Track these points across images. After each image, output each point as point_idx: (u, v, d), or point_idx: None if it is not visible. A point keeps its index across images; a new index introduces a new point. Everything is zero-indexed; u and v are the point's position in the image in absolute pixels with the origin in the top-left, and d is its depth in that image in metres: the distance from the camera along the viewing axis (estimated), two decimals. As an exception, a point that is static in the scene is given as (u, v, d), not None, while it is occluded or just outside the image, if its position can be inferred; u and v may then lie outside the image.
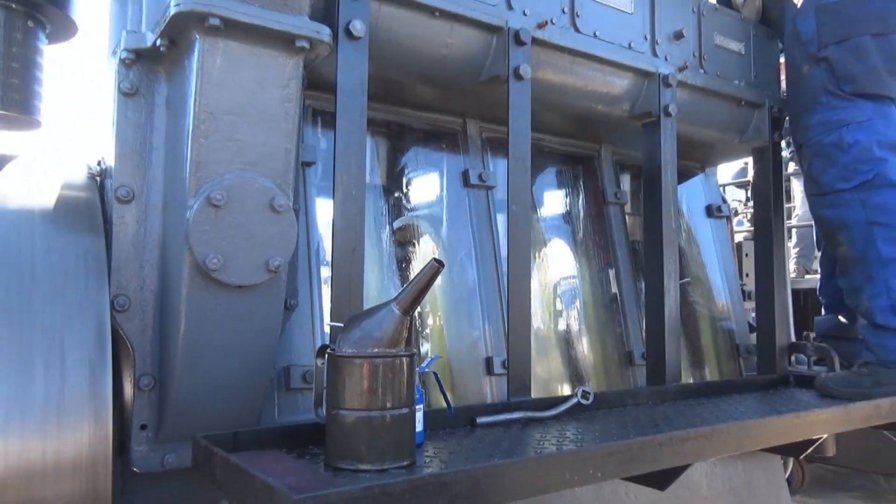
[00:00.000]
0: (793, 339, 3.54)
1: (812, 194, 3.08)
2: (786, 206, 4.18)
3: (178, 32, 1.68)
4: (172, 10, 1.59)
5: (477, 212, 2.76)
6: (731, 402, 2.61)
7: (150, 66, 1.83)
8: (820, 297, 3.51)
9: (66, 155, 2.09)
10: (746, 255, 4.91)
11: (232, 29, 1.65)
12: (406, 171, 2.71)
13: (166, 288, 1.79)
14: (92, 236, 1.76)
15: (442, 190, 2.73)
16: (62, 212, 1.78)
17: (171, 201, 1.79)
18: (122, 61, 1.78)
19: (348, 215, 1.94)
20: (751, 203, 6.45)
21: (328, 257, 2.07)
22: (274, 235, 1.74)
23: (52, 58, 2.53)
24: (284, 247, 1.76)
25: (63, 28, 2.50)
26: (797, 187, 6.64)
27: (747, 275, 4.69)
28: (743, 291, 3.78)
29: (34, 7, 2.34)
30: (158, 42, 1.71)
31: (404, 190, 2.68)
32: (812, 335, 3.69)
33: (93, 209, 1.83)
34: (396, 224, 2.61)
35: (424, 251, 2.61)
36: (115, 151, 1.79)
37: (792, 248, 6.32)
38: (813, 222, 3.76)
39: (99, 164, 1.98)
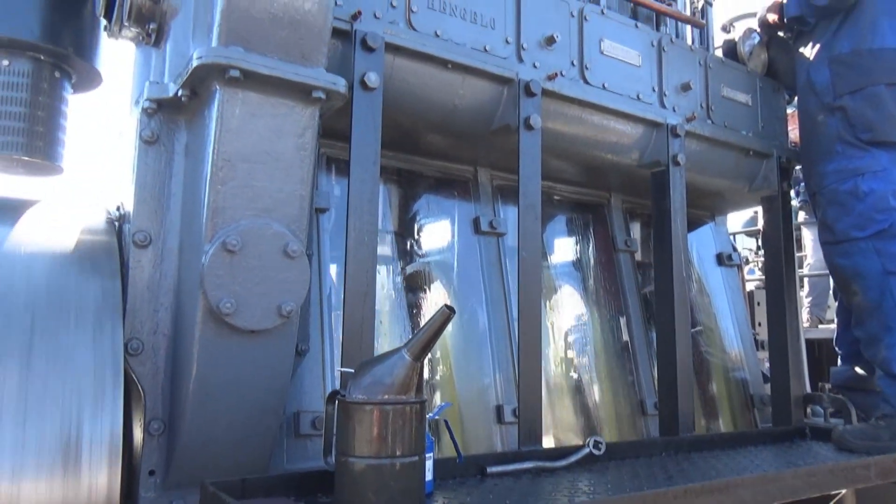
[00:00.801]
0: (808, 390, 3.49)
1: (826, 242, 3.08)
2: (797, 254, 4.17)
3: (200, 83, 1.74)
4: (195, 63, 1.65)
5: (488, 258, 2.77)
6: (747, 454, 2.56)
7: (171, 115, 1.88)
8: (836, 348, 3.47)
9: (86, 200, 2.14)
10: (758, 303, 4.87)
11: (251, 80, 1.70)
12: (418, 218, 2.74)
13: (179, 332, 1.80)
14: (109, 280, 1.79)
15: (453, 236, 2.76)
16: (81, 256, 1.81)
17: (187, 246, 1.82)
18: (144, 110, 1.84)
19: (360, 261, 1.96)
20: (761, 252, 6.43)
21: (340, 303, 2.08)
22: (287, 280, 1.75)
23: (77, 106, 2.62)
24: (297, 292, 1.77)
25: (88, 78, 2.59)
26: (808, 236, 6.62)
27: (759, 324, 4.64)
28: (756, 341, 3.74)
29: (61, 58, 2.42)
30: (180, 92, 1.77)
31: (416, 236, 2.70)
32: (828, 386, 3.63)
33: (110, 253, 1.86)
34: (408, 270, 2.63)
35: (435, 297, 2.62)
36: (134, 197, 1.83)
37: (804, 297, 6.27)
38: (825, 271, 3.75)
39: (118, 209, 2.02)
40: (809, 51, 3.19)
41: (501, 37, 2.43)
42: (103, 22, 2.19)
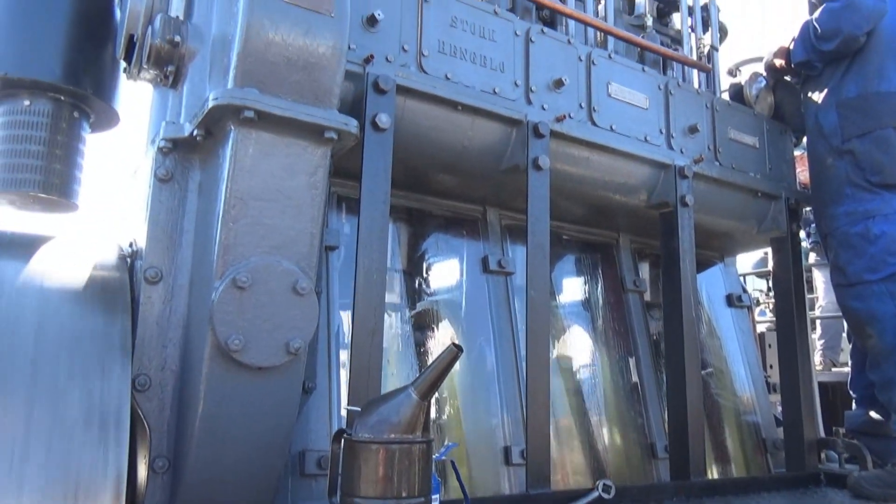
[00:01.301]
0: (822, 434, 3.42)
1: (839, 285, 3.06)
2: (808, 296, 4.14)
3: (215, 123, 1.78)
4: (211, 103, 1.69)
5: (496, 297, 2.77)
6: (760, 500, 2.51)
7: (186, 154, 1.92)
8: (850, 391, 3.42)
9: (99, 236, 2.17)
10: (770, 346, 4.82)
11: (265, 121, 1.74)
12: (426, 257, 2.75)
13: (187, 368, 1.80)
14: (118, 316, 1.80)
15: (461, 275, 2.77)
16: (92, 291, 1.83)
17: (198, 282, 1.84)
18: (160, 149, 1.88)
19: (369, 299, 1.97)
20: (772, 293, 6.39)
21: (347, 340, 2.08)
22: (295, 317, 1.76)
23: (94, 145, 2.67)
24: (305, 329, 1.78)
25: (106, 118, 2.65)
26: (819, 278, 6.58)
27: (771, 366, 4.59)
28: (767, 383, 3.69)
29: (81, 99, 2.48)
30: (195, 132, 1.81)
31: (424, 275, 2.71)
32: (842, 431, 3.56)
33: (121, 289, 1.87)
34: (416, 308, 2.63)
35: (443, 336, 2.62)
36: (146, 233, 1.86)
37: (817, 339, 6.19)
38: (838, 313, 3.71)
39: (131, 245, 2.04)
40: (817, 95, 3.23)
41: (510, 80, 2.48)
42: (123, 64, 2.25)
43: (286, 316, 1.75)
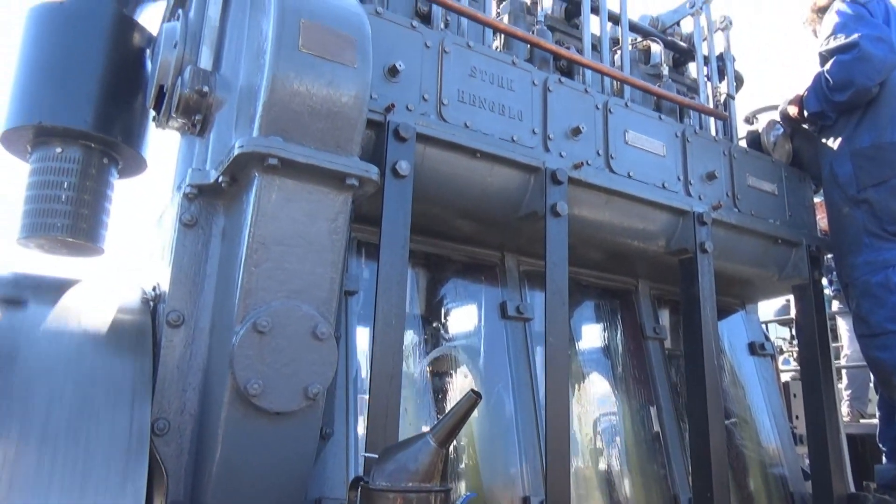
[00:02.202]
0: (852, 489, 3.31)
1: (863, 335, 3.01)
2: (833, 345, 4.06)
3: (240, 170, 1.82)
4: (236, 151, 1.74)
5: (514, 344, 2.75)
6: (789, 557, 2.42)
7: (211, 200, 1.96)
8: (880, 444, 3.32)
9: (124, 280, 2.21)
10: (794, 395, 4.71)
11: (288, 168, 1.78)
12: (445, 302, 2.75)
13: (206, 412, 1.80)
14: (140, 359, 1.81)
15: (480, 321, 2.76)
16: (115, 334, 1.85)
17: (219, 326, 1.86)
18: (185, 195, 1.92)
19: (387, 344, 1.97)
20: (795, 341, 6.27)
21: (366, 386, 2.07)
22: (315, 362, 1.77)
23: (121, 190, 2.74)
24: (324, 374, 1.78)
25: (134, 165, 2.72)
26: (843, 326, 6.45)
27: (797, 417, 4.47)
28: (794, 435, 3.60)
29: (110, 146, 2.56)
30: (221, 179, 1.85)
31: (442, 320, 2.71)
32: (873, 486, 3.44)
33: (144, 333, 1.89)
34: (434, 354, 2.62)
35: (461, 382, 2.60)
36: (170, 277, 1.89)
37: (843, 389, 6.04)
38: (863, 363, 3.63)
39: (154, 289, 2.07)
40: (831, 144, 3.24)
41: (529, 128, 2.52)
42: (152, 113, 2.33)
43: (305, 360, 1.75)
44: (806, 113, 3.35)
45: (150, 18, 2.77)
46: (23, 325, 1.73)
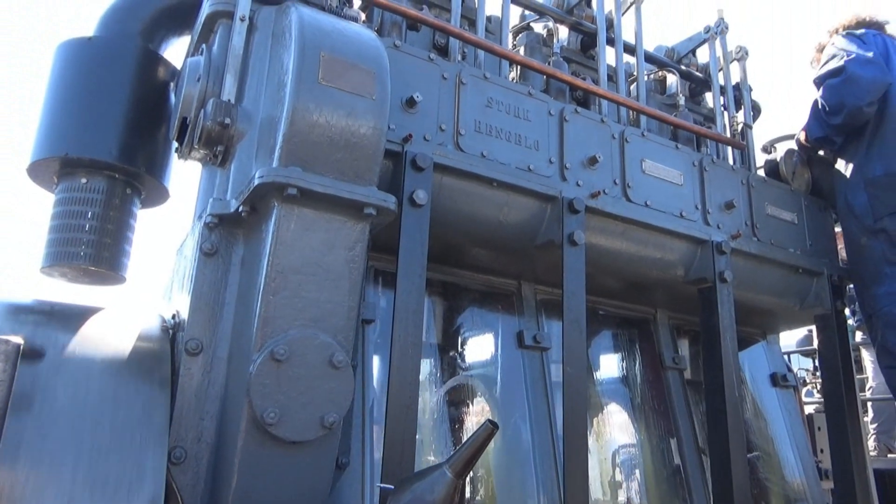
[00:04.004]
0: (881, 526, 3.21)
1: (888, 366, 2.96)
2: (858, 377, 3.98)
3: (260, 200, 1.85)
4: (256, 181, 1.77)
5: (531, 373, 2.73)
6: None
7: (231, 229, 1.99)
8: (907, 480, 3.23)
9: (144, 308, 2.23)
10: (819, 428, 4.60)
11: (307, 198, 1.80)
12: (461, 331, 2.75)
13: (222, 441, 1.80)
14: (158, 388, 1.82)
15: (496, 350, 2.75)
16: (134, 362, 1.86)
17: (236, 354, 1.87)
18: (206, 225, 1.95)
19: (404, 373, 1.96)
20: (819, 373, 6.15)
21: (382, 415, 2.06)
22: (331, 391, 1.76)
23: (143, 219, 2.78)
24: (340, 402, 1.78)
25: (157, 194, 2.77)
26: (867, 357, 6.33)
27: (822, 451, 4.36)
28: (819, 469, 3.51)
29: (134, 177, 2.61)
30: (241, 208, 1.88)
31: (459, 349, 2.70)
32: (903, 522, 3.34)
33: (163, 361, 1.91)
34: (451, 384, 2.61)
35: (478, 412, 2.58)
36: (189, 306, 1.91)
37: (869, 423, 5.90)
38: (890, 395, 3.55)
39: (174, 317, 2.09)
40: (845, 173, 3.24)
41: (545, 157, 2.54)
42: (175, 144, 2.37)
43: (322, 389, 1.75)
44: (810, 140, 3.39)
45: (175, 53, 2.84)
46: (43, 354, 1.75)
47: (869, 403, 5.99)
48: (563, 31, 3.41)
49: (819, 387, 6.64)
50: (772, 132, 4.00)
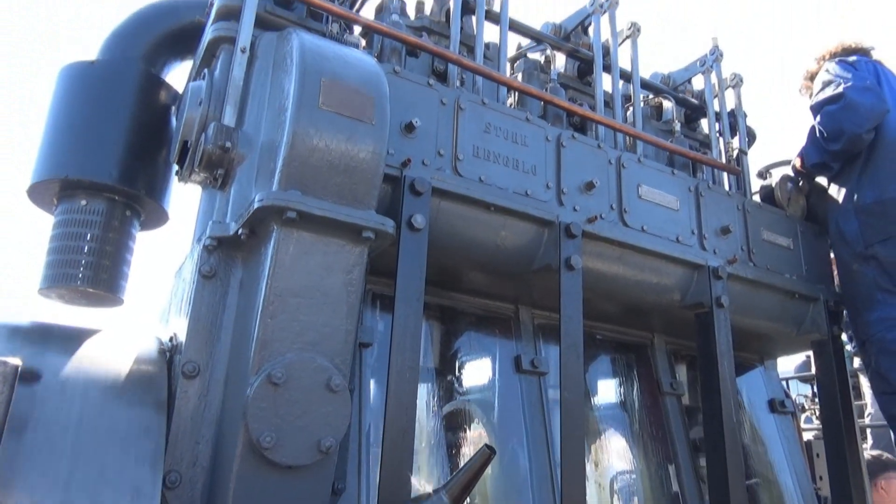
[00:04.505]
0: (882, 555, 3.18)
1: (883, 392, 2.96)
2: (856, 403, 3.97)
3: (259, 223, 1.86)
4: (256, 204, 1.78)
5: (529, 398, 2.72)
6: None
7: (230, 252, 1.99)
8: (907, 507, 3.21)
9: (142, 330, 2.23)
10: (818, 455, 4.57)
11: (306, 221, 1.82)
12: (459, 355, 2.74)
13: (218, 465, 1.79)
14: (154, 411, 1.82)
15: (494, 375, 2.74)
16: (131, 385, 1.86)
17: (233, 377, 1.86)
18: (205, 247, 1.95)
19: (401, 397, 1.96)
20: (817, 399, 6.13)
21: (379, 439, 2.05)
22: (328, 415, 1.76)
23: (142, 241, 2.79)
24: (337, 427, 1.77)
25: (156, 217, 2.78)
26: (866, 384, 6.31)
27: (821, 478, 4.33)
28: (818, 496, 3.48)
29: (134, 199, 2.62)
30: (240, 231, 1.89)
31: (456, 374, 2.69)
32: (903, 551, 3.31)
33: (159, 384, 1.90)
34: (448, 408, 2.60)
35: (475, 437, 2.56)
36: (187, 328, 1.90)
37: (868, 449, 5.87)
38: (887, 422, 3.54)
39: (171, 339, 2.09)
40: (836, 199, 3.27)
41: (542, 182, 2.56)
42: (175, 167, 2.39)
43: (319, 413, 1.75)
44: (807, 166, 3.42)
45: (177, 77, 2.88)
46: (40, 376, 1.75)
47: (868, 430, 5.96)
48: (560, 59, 3.45)
49: (818, 413, 6.61)
50: (767, 158, 4.04)
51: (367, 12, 2.92)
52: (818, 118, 3.30)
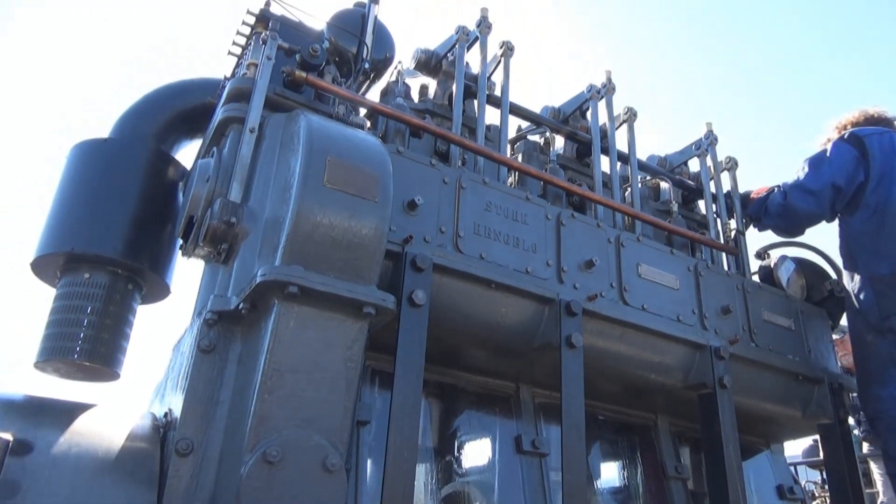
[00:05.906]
0: None
1: (892, 474, 2.86)
2: (867, 490, 3.85)
3: (260, 297, 1.86)
4: (259, 279, 1.79)
5: (530, 480, 2.64)
6: None
7: (230, 326, 1.99)
8: None
9: (136, 406, 2.19)
10: (831, 545, 4.39)
11: (307, 296, 1.82)
12: (458, 435, 2.68)
13: (207, 548, 1.72)
14: (146, 489, 1.76)
15: (494, 455, 2.67)
16: (122, 463, 1.81)
17: (228, 454, 1.82)
18: (205, 321, 1.95)
19: (399, 478, 1.90)
20: (827, 486, 5.93)
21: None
22: (323, 496, 1.71)
23: (142, 315, 2.79)
24: (332, 509, 1.71)
25: (157, 290, 2.79)
26: (876, 470, 6.13)
27: (837, 571, 4.14)
28: (834, 591, 3.32)
29: (136, 272, 2.64)
30: (241, 305, 1.89)
31: (456, 454, 2.63)
32: None
33: (152, 460, 1.85)
34: (447, 490, 2.52)
35: (474, 522, 2.47)
36: (183, 403, 1.87)
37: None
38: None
39: (166, 415, 2.05)
40: (850, 273, 3.24)
41: (543, 260, 2.58)
42: (179, 241, 2.42)
43: (314, 494, 1.70)
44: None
45: (187, 154, 2.96)
46: (32, 449, 1.71)
47: (881, 519, 5.74)
48: (559, 140, 3.56)
49: (828, 500, 6.39)
50: (764, 239, 4.08)
51: (373, 95, 3.03)
52: (774, 193, 3.45)
